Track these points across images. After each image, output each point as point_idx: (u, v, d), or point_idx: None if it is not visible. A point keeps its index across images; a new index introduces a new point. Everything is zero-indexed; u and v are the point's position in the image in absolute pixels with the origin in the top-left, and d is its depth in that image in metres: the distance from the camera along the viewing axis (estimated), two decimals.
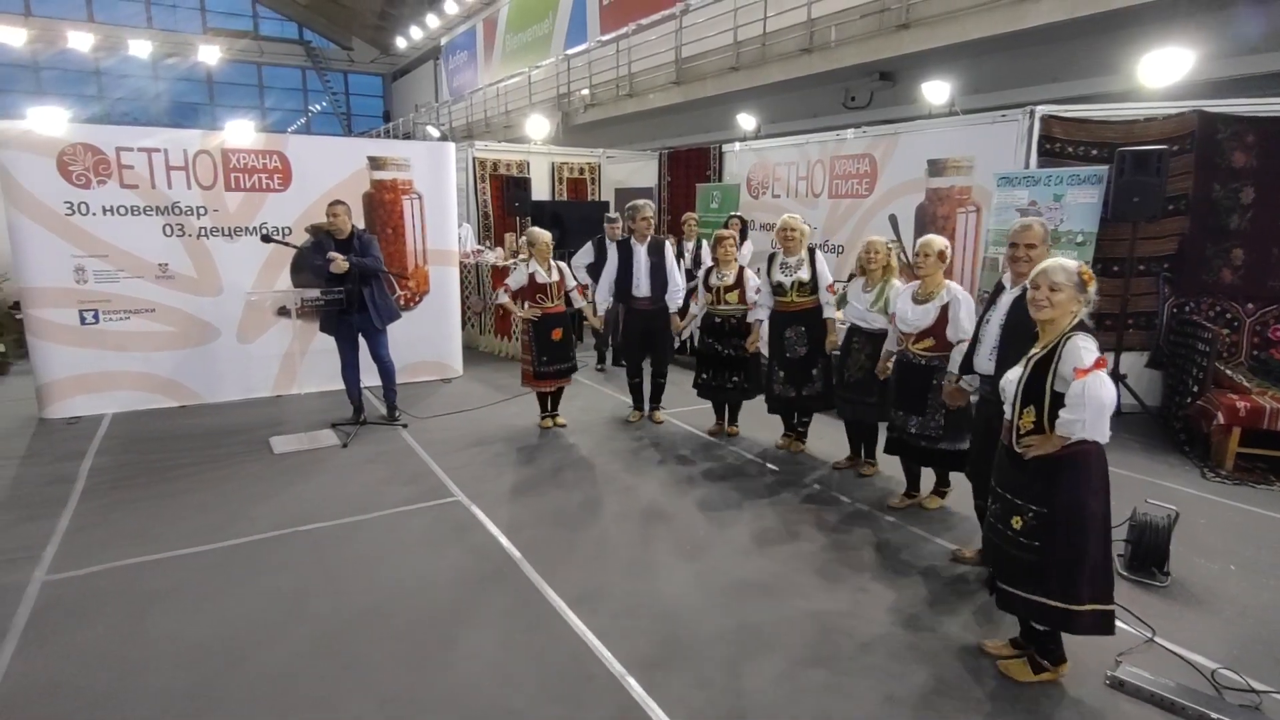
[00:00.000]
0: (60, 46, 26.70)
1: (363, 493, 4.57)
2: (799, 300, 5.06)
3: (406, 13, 29.79)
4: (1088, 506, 2.57)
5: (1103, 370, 2.46)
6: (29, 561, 3.66)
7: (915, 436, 4.10)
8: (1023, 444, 2.66)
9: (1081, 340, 2.52)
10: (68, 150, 5.78)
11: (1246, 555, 3.83)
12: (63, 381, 6.01)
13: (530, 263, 5.62)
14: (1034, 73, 9.43)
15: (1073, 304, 2.59)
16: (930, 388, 3.99)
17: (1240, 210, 5.85)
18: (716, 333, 5.51)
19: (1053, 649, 2.77)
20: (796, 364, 5.12)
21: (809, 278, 5.02)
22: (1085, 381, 2.45)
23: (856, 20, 10.11)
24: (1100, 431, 2.47)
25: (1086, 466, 2.56)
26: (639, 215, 5.78)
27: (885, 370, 4.37)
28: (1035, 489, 2.62)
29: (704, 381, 5.66)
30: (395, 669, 2.87)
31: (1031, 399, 2.63)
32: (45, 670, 2.84)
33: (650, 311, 5.84)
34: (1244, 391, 5.09)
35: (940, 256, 3.96)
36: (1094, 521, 2.57)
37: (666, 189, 11.11)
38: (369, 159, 6.92)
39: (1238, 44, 7.65)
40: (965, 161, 6.74)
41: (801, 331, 5.09)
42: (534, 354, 5.69)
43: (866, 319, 4.61)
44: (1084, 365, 2.47)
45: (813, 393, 5.14)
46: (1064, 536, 2.58)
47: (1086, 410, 2.45)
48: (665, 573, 3.63)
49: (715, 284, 5.47)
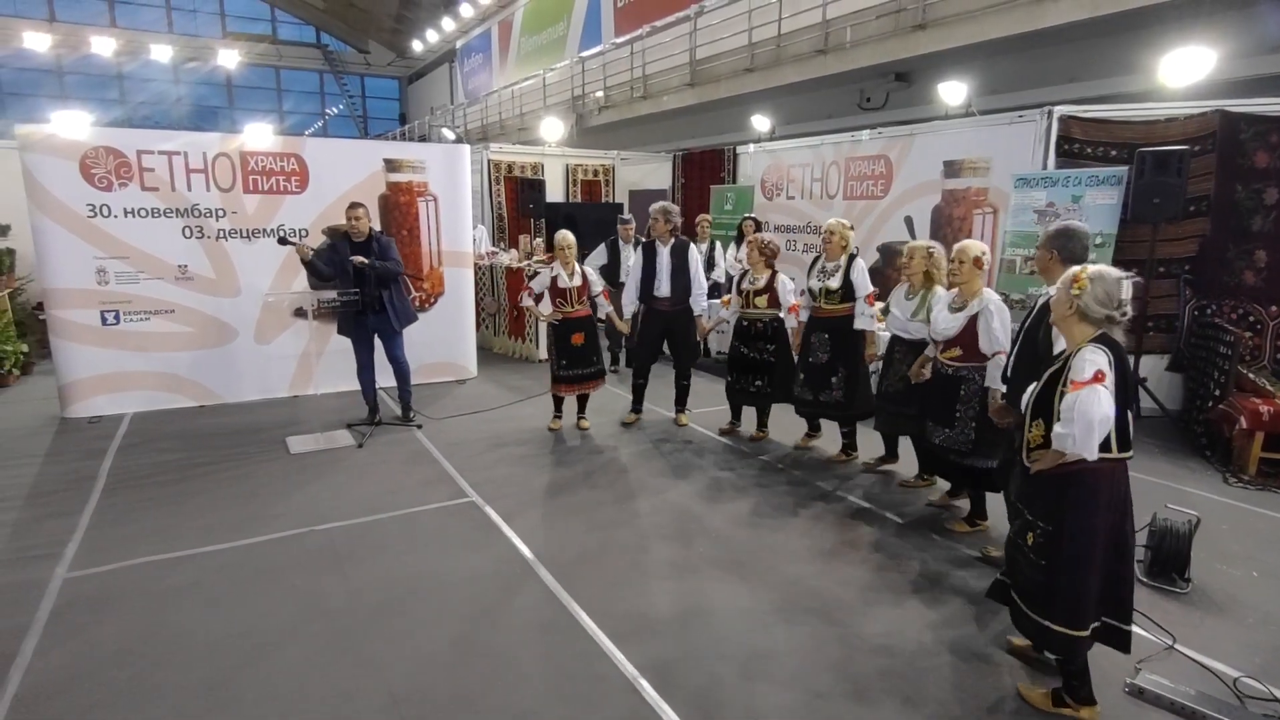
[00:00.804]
0: (83, 51, 27.12)
1: (378, 493, 4.61)
2: (827, 307, 5.04)
3: (422, 16, 29.99)
4: (1092, 527, 2.47)
5: (1100, 385, 2.37)
6: (51, 558, 3.72)
7: (943, 450, 4.02)
8: (1031, 458, 2.62)
9: (1090, 353, 2.43)
10: (90, 153, 5.87)
11: (1269, 562, 3.77)
12: (84, 381, 6.09)
13: (554, 266, 5.65)
14: (1052, 73, 9.34)
15: (1061, 306, 2.54)
16: (957, 398, 3.89)
17: (1263, 211, 5.76)
18: (744, 336, 5.52)
19: (1077, 686, 2.61)
20: (817, 370, 5.12)
21: (838, 286, 4.96)
22: (1077, 395, 2.38)
23: (872, 21, 10.05)
24: (1088, 448, 2.38)
25: (1095, 485, 2.46)
26: (666, 217, 5.78)
27: (919, 375, 4.26)
28: (1044, 505, 2.57)
29: (729, 384, 5.71)
30: (408, 667, 2.88)
31: (1041, 412, 2.58)
32: (66, 665, 2.88)
33: (671, 313, 5.84)
34: (1267, 395, 5.00)
35: (976, 263, 3.84)
36: (1100, 544, 2.48)
37: (681, 191, 11.11)
38: (385, 161, 6.97)
39: (1260, 43, 7.53)
40: (982, 163, 6.68)
41: (825, 339, 5.07)
42: (554, 358, 5.74)
43: (908, 329, 4.51)
44: (1080, 378, 2.40)
45: (830, 400, 5.11)
46: (1069, 557, 2.49)
47: (1075, 424, 2.38)
48: (680, 575, 3.62)
49: (746, 288, 5.46)
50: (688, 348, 5.99)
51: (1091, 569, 2.49)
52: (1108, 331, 2.49)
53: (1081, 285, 2.48)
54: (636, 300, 5.91)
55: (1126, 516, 2.54)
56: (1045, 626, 2.56)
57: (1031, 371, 2.90)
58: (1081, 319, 2.50)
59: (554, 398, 5.96)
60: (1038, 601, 2.59)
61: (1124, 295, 2.48)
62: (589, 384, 5.86)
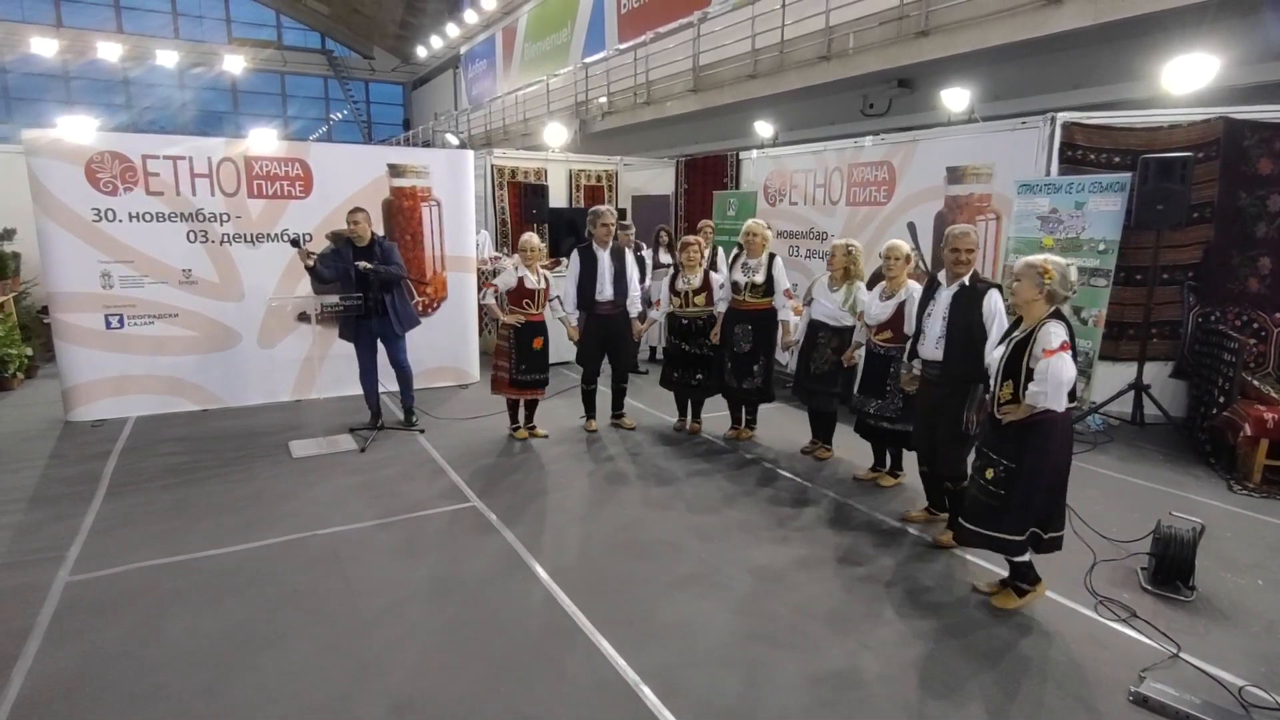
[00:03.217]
0: (90, 57, 27.29)
1: (379, 497, 4.60)
2: (751, 301, 5.44)
3: (427, 22, 30.13)
4: (1048, 461, 3.15)
5: (1066, 353, 3.00)
6: (53, 562, 3.72)
7: (875, 417, 4.66)
8: (1001, 411, 3.23)
9: (1053, 327, 3.06)
10: (96, 158, 5.90)
11: (1274, 569, 3.75)
12: (88, 385, 6.11)
13: (520, 267, 5.56)
14: (1055, 79, 9.34)
15: (1031, 291, 3.13)
16: (888, 374, 4.55)
17: (1267, 218, 5.75)
18: (685, 333, 5.78)
19: (1026, 573, 3.32)
20: (741, 359, 5.52)
21: (762, 281, 5.39)
22: (1050, 361, 3.00)
23: (875, 27, 10.07)
24: (1058, 402, 3.02)
25: (1051, 431, 3.12)
26: (599, 221, 5.76)
27: (851, 359, 4.94)
28: (1008, 448, 3.21)
29: (676, 379, 5.89)
30: (409, 672, 2.88)
31: (1010, 374, 3.19)
32: (68, 669, 2.88)
33: (612, 316, 5.83)
34: (1272, 403, 4.98)
35: (906, 260, 4.50)
36: (1052, 473, 3.17)
37: (684, 196, 11.11)
38: (389, 166, 6.99)
39: (1264, 50, 7.53)
40: (985, 169, 6.68)
41: (748, 330, 5.48)
42: (512, 360, 5.57)
43: (836, 316, 5.09)
44: (1050, 347, 3.02)
45: (752, 387, 5.57)
46: (1022, 485, 3.16)
47: (1049, 384, 2.99)
48: (682, 580, 3.62)
49: (683, 288, 5.69)
50: (627, 351, 6.12)
51: (1039, 491, 3.18)
52: (1059, 308, 3.14)
53: (1051, 276, 3.09)
54: (575, 307, 5.84)
55: (1069, 454, 3.25)
56: (993, 537, 3.24)
57: (967, 347, 3.66)
58: (1048, 301, 3.13)
59: (509, 404, 5.83)
60: (991, 519, 3.24)
61: (1073, 279, 3.19)
62: (541, 390, 5.78)
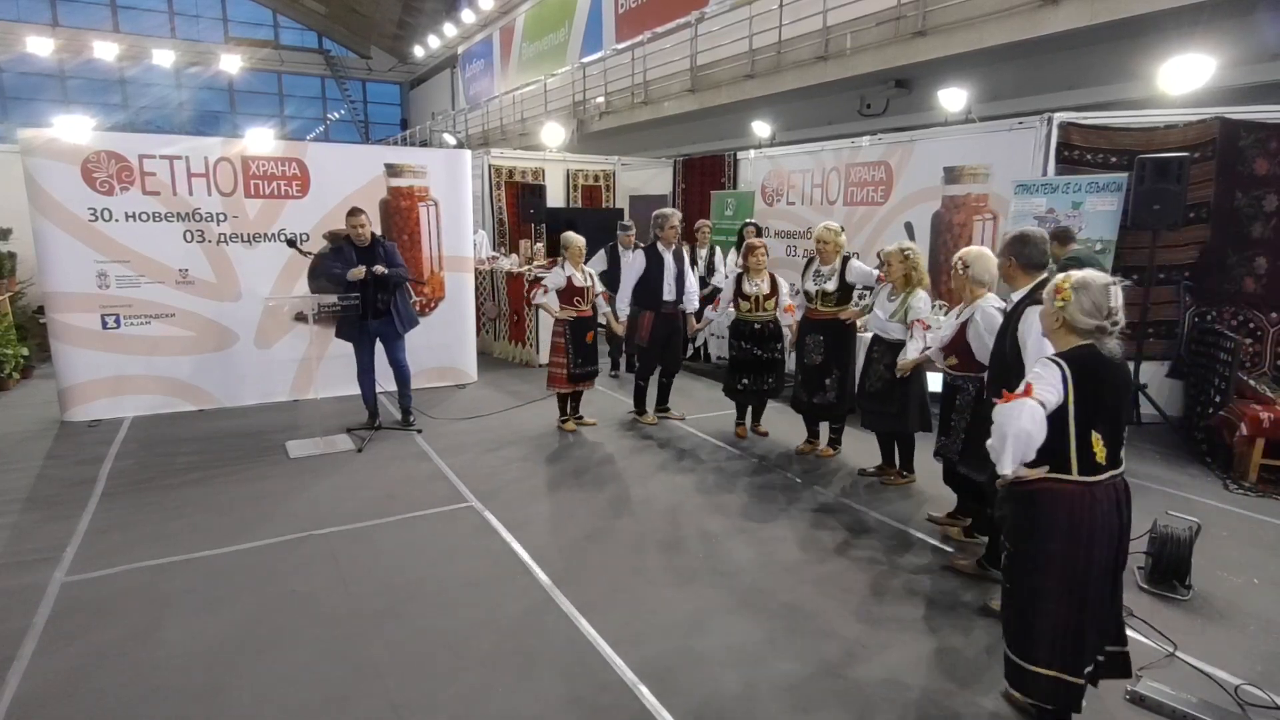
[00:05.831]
0: (86, 56, 27.21)
1: (377, 497, 4.60)
2: (823, 310, 5.14)
3: (424, 22, 30.09)
4: (1047, 555, 2.29)
5: (1029, 399, 2.19)
6: (50, 563, 3.71)
7: (941, 455, 3.95)
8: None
9: (1040, 366, 2.31)
10: (92, 158, 5.88)
11: (1270, 569, 3.76)
12: (84, 385, 6.09)
13: (565, 265, 5.78)
14: (1052, 80, 9.36)
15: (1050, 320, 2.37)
16: (953, 408, 3.80)
17: (1263, 218, 5.77)
18: (756, 338, 5.60)
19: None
20: (812, 371, 5.23)
21: (834, 289, 5.06)
22: (1001, 407, 2.25)
23: (872, 28, 10.08)
24: (1001, 462, 2.24)
25: (1053, 510, 2.28)
26: (667, 224, 5.93)
27: (904, 371, 4.39)
28: (1012, 525, 2.42)
29: (744, 387, 5.72)
30: (407, 673, 2.87)
31: None
32: (65, 669, 2.87)
33: (674, 316, 6.05)
34: (1268, 402, 5.00)
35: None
36: (1056, 577, 2.29)
37: (681, 196, 11.12)
38: (386, 166, 6.98)
39: (1260, 50, 7.55)
40: (982, 169, 6.69)
41: (820, 340, 5.17)
42: (569, 356, 5.79)
43: (886, 329, 4.62)
44: (1015, 391, 2.27)
45: (824, 401, 5.23)
46: (1024, 586, 2.37)
47: (994, 437, 2.25)
48: (680, 580, 3.62)
49: (752, 292, 5.52)
50: (680, 349, 6.26)
51: (1043, 597, 2.31)
52: (1097, 342, 2.29)
53: (1065, 297, 2.29)
54: (629, 304, 6.00)
55: (1097, 545, 2.28)
56: (1005, 655, 2.44)
57: (1003, 378, 2.84)
58: (1070, 331, 2.31)
59: (560, 397, 6.03)
60: (1006, 629, 2.46)
61: (1113, 303, 2.27)
62: (592, 381, 6.06)
